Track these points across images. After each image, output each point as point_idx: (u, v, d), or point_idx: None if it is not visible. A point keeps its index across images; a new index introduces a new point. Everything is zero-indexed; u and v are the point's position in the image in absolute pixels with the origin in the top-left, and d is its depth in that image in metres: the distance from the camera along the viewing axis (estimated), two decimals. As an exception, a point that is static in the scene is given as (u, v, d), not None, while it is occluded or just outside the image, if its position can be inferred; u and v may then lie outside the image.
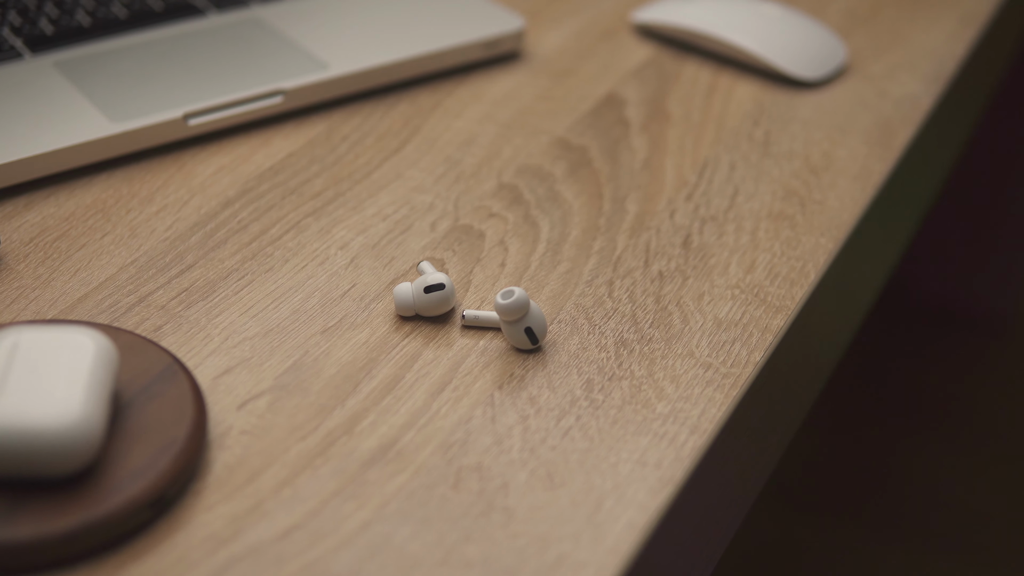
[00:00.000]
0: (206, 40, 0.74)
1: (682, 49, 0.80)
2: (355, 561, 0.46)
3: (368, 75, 0.73)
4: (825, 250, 0.63)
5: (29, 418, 0.45)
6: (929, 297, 1.69)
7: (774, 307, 0.59)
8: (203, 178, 0.66)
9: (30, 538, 0.45)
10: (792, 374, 0.62)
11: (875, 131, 0.73)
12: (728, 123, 0.73)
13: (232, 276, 0.60)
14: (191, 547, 0.46)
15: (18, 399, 0.46)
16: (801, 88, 0.77)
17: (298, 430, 0.52)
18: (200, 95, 0.69)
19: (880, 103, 0.75)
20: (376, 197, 0.66)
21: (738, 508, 0.60)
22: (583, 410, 0.53)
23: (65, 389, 0.47)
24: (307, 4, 0.79)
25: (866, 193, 0.68)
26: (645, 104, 0.75)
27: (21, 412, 0.46)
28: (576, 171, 0.68)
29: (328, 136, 0.70)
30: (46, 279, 0.59)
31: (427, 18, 0.78)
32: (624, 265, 0.62)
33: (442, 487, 0.49)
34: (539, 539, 0.47)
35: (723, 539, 0.59)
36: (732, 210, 0.66)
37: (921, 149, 0.76)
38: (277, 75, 0.71)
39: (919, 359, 1.61)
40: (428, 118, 0.72)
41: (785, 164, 0.70)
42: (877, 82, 0.78)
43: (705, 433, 0.52)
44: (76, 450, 0.46)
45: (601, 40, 0.81)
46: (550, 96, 0.75)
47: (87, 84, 0.70)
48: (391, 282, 0.60)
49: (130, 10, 0.76)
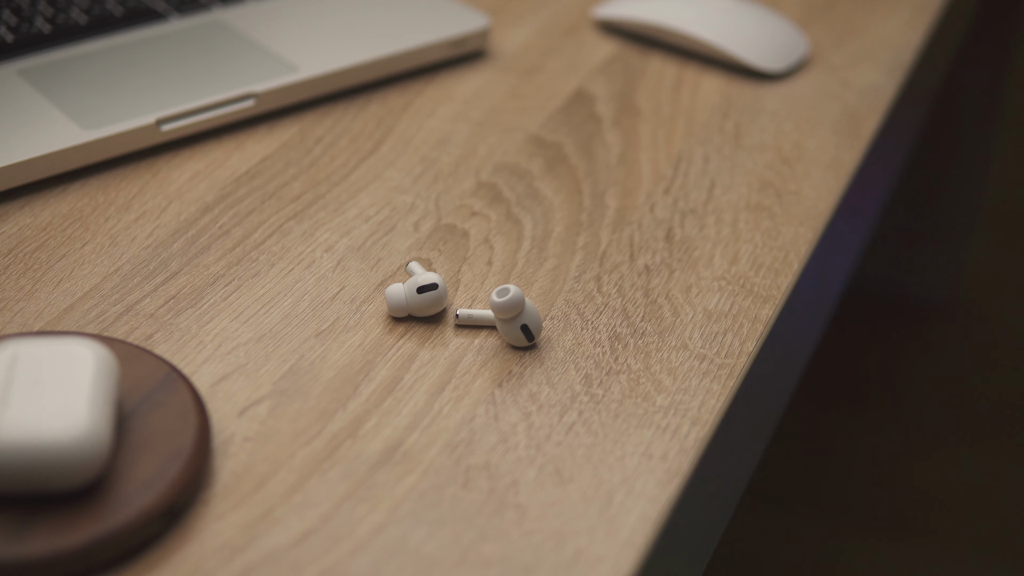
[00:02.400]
0: (171, 45, 0.73)
1: (645, 44, 0.81)
2: (373, 564, 0.46)
3: (338, 76, 0.72)
4: (806, 240, 0.64)
5: (37, 432, 0.45)
6: (864, 283, 1.71)
7: (761, 297, 0.60)
8: (179, 184, 0.65)
9: (44, 554, 0.44)
10: (779, 363, 0.63)
11: (842, 121, 0.74)
12: (698, 116, 0.74)
13: (219, 282, 0.59)
14: (205, 557, 0.46)
15: (24, 413, 0.45)
16: (766, 80, 0.78)
17: (302, 435, 0.51)
18: (171, 100, 0.68)
19: (844, 93, 0.76)
20: (356, 199, 0.65)
21: (732, 498, 0.60)
22: (584, 405, 0.53)
23: (70, 401, 0.46)
24: (268, 6, 0.78)
25: (840, 182, 0.69)
26: (614, 100, 0.75)
27: (28, 426, 0.45)
28: (553, 168, 0.68)
29: (302, 139, 0.70)
30: (29, 291, 0.58)
31: (390, 18, 0.77)
32: (610, 260, 0.62)
33: (452, 487, 0.49)
34: (554, 535, 0.47)
35: (719, 529, 0.59)
36: (711, 203, 0.66)
37: (885, 138, 0.77)
38: (247, 78, 0.70)
39: (855, 344, 1.63)
40: (400, 118, 0.72)
41: (758, 156, 0.70)
42: (839, 73, 0.79)
43: (707, 424, 0.53)
44: (85, 462, 0.45)
45: (564, 37, 0.81)
46: (520, 94, 0.75)
47: (54, 92, 0.68)
48: (380, 283, 0.60)
49: (90, 16, 0.75)
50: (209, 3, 0.77)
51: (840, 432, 1.50)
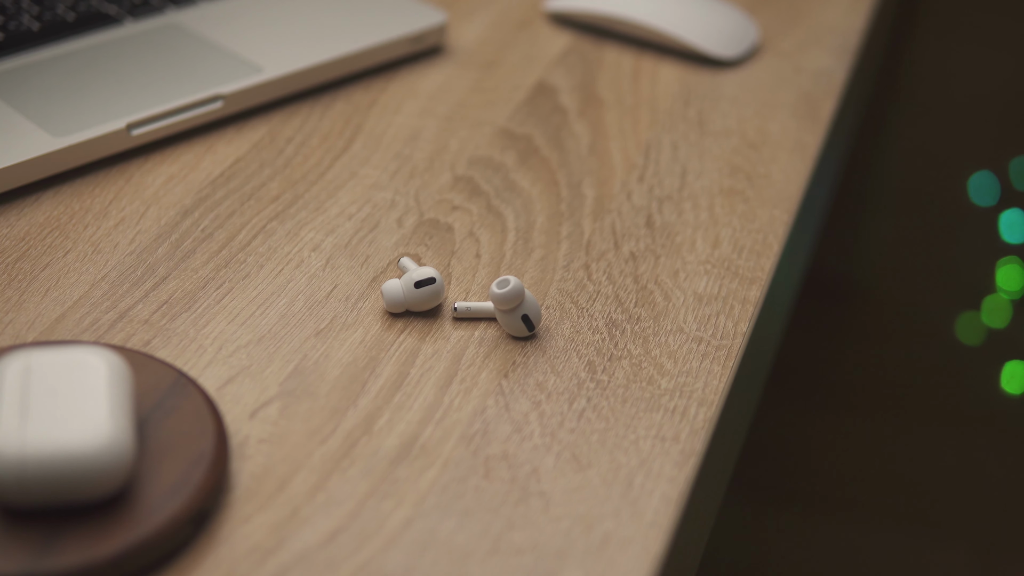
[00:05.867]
0: (130, 49, 0.72)
1: (598, 35, 0.82)
2: (406, 558, 0.46)
3: (303, 75, 0.72)
4: (782, 222, 0.65)
5: (62, 443, 0.44)
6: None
7: (747, 279, 0.61)
8: (154, 188, 0.65)
9: (79, 565, 0.43)
10: (763, 344, 0.64)
11: (801, 105, 0.75)
12: (660, 105, 0.75)
13: (210, 285, 0.58)
14: (237, 560, 0.46)
15: (46, 425, 0.44)
16: (721, 67, 0.79)
17: (316, 434, 0.51)
18: (140, 105, 0.67)
19: (798, 78, 0.78)
20: (336, 197, 0.65)
21: (726, 477, 0.61)
22: (592, 391, 0.54)
23: (90, 410, 0.45)
24: (221, 8, 0.77)
25: (806, 165, 0.70)
26: (576, 91, 0.75)
27: (53, 438, 0.44)
28: (526, 160, 0.69)
29: (272, 139, 0.69)
30: (17, 302, 0.57)
31: (346, 17, 0.77)
32: (595, 248, 0.62)
33: (474, 478, 0.49)
34: (581, 520, 0.48)
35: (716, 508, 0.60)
36: (685, 188, 0.67)
37: (839, 120, 0.79)
38: (214, 80, 0.70)
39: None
40: (368, 115, 0.72)
41: (724, 141, 0.71)
42: (791, 58, 0.80)
43: (713, 405, 0.54)
44: (113, 471, 0.44)
45: (518, 30, 0.82)
46: (482, 88, 0.75)
47: (17, 100, 0.67)
48: (372, 280, 0.60)
49: (42, 22, 0.73)
50: (162, 6, 0.77)
51: (766, 415, 1.53)
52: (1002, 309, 1.73)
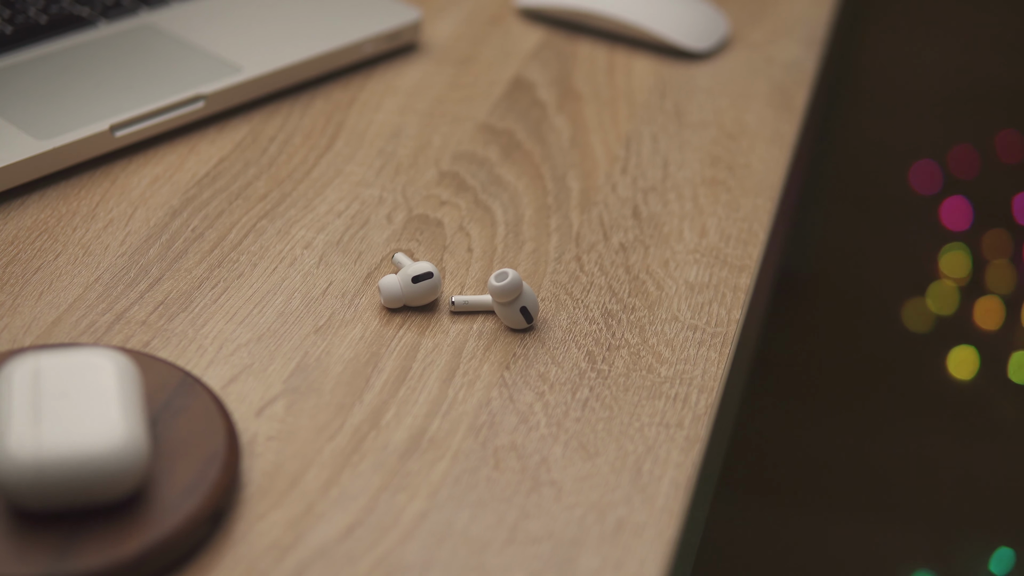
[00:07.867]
0: (107, 51, 0.72)
1: (570, 29, 0.82)
2: (424, 550, 0.46)
3: (283, 74, 0.72)
4: (765, 210, 0.66)
5: (78, 445, 0.44)
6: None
7: (737, 267, 0.62)
8: (140, 190, 0.64)
9: (99, 567, 0.43)
10: (749, 332, 0.65)
11: (775, 95, 0.76)
12: (637, 98, 0.75)
13: (205, 285, 0.58)
14: (256, 557, 0.46)
15: (60, 427, 0.44)
16: (693, 60, 0.80)
17: (324, 430, 0.51)
18: (122, 106, 0.67)
19: (770, 69, 0.79)
20: (323, 195, 0.65)
21: (718, 464, 0.62)
22: (593, 381, 0.54)
23: (102, 411, 0.45)
24: (194, 8, 0.77)
25: (784, 154, 0.71)
26: (553, 85, 0.76)
27: (68, 440, 0.44)
28: (510, 154, 0.69)
29: (255, 138, 0.69)
30: (11, 306, 0.56)
31: (320, 16, 0.77)
32: (585, 240, 0.63)
33: (485, 469, 0.50)
34: (594, 507, 0.48)
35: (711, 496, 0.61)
36: (668, 180, 0.68)
37: (813, 109, 0.80)
38: (194, 81, 0.69)
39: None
40: (348, 113, 0.72)
41: (702, 132, 0.72)
42: (762, 49, 0.81)
43: (712, 391, 0.54)
44: (129, 471, 0.44)
45: (491, 26, 0.82)
46: (460, 84, 0.76)
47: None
48: (367, 276, 0.60)
49: (14, 25, 0.73)
50: (135, 7, 0.76)
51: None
52: (948, 295, 1.75)
